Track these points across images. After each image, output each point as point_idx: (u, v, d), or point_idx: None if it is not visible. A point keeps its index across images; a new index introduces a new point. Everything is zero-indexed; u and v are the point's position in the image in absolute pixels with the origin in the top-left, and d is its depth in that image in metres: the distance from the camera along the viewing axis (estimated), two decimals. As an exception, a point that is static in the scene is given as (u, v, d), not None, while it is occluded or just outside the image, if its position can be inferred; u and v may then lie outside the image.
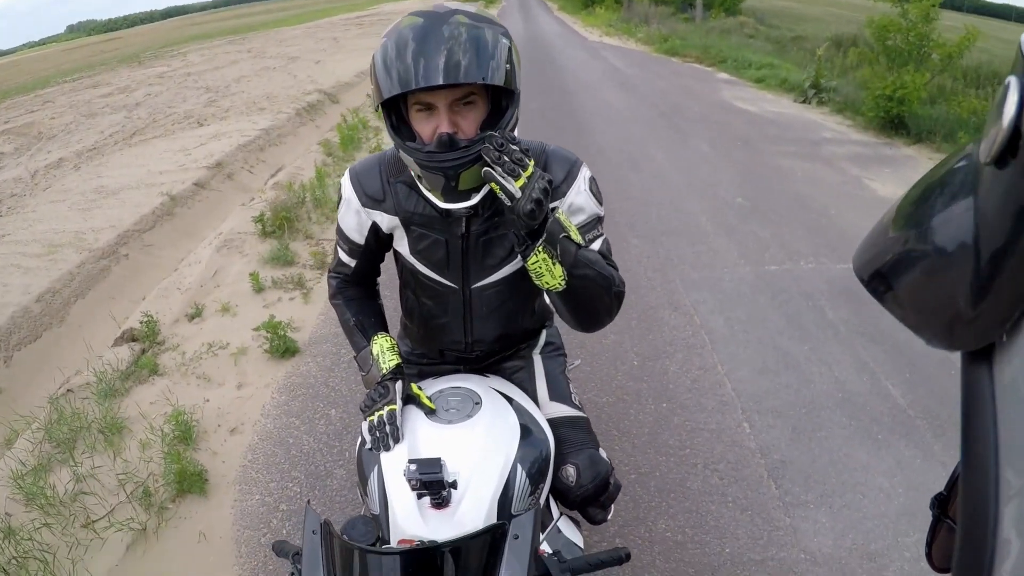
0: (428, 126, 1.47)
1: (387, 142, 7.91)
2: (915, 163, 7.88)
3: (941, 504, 0.81)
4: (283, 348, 4.29)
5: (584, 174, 1.67)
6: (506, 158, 1.38)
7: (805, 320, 4.36)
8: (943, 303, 0.53)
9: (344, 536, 1.25)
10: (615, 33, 25.32)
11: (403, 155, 1.53)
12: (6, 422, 3.94)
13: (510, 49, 1.47)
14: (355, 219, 1.78)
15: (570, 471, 1.74)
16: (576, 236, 1.51)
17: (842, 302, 4.53)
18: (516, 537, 1.22)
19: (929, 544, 0.85)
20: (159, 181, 8.33)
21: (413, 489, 1.43)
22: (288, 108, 12.12)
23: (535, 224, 1.43)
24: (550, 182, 1.44)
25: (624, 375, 3.86)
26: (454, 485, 1.45)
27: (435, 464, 1.41)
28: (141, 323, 4.66)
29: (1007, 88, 0.44)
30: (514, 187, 1.39)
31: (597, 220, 1.70)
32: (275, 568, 2.77)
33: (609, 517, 2.00)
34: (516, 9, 44.59)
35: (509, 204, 1.41)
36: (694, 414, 3.51)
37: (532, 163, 1.41)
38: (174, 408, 3.64)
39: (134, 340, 4.61)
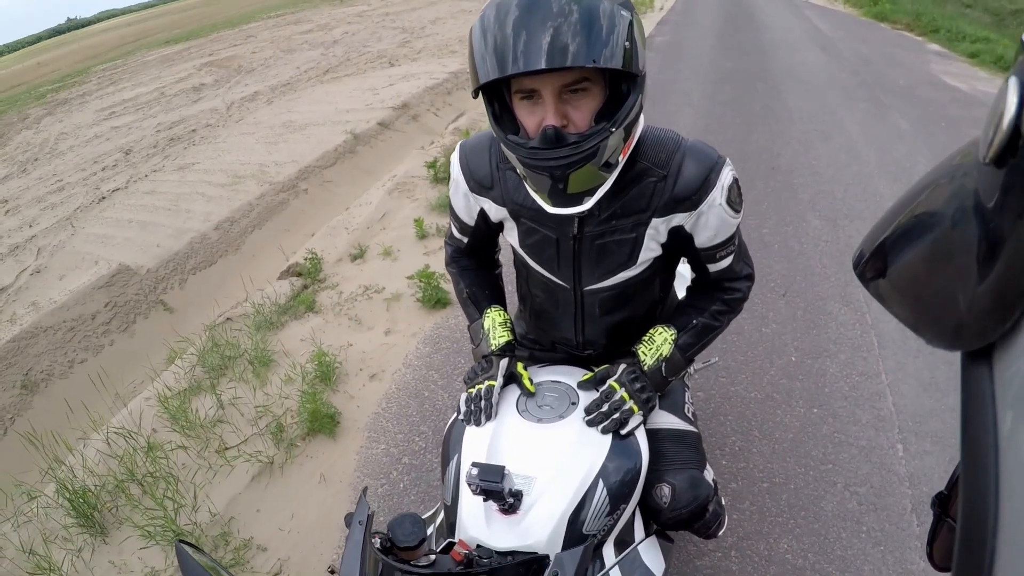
0: (533, 117, 1.28)
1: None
2: None
3: (942, 503, 0.81)
4: (435, 299, 4.32)
5: (724, 181, 1.44)
6: (599, 419, 1.52)
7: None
8: (943, 303, 0.53)
9: (388, 532, 1.23)
10: (823, -8, 23.84)
11: (505, 150, 1.35)
12: (169, 343, 4.21)
13: (631, 24, 1.22)
14: (463, 201, 1.68)
15: (665, 490, 1.59)
16: (668, 356, 1.62)
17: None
18: (555, 574, 1.13)
19: (930, 543, 0.84)
20: (345, 119, 8.61)
21: (474, 493, 1.37)
22: (479, 52, 12.22)
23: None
24: (645, 403, 1.57)
25: (778, 370, 3.58)
26: (518, 495, 1.38)
27: (497, 472, 1.35)
28: (306, 259, 4.86)
29: (1007, 88, 0.43)
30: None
31: (729, 239, 1.54)
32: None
33: (722, 531, 1.85)
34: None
35: None
36: (845, 425, 3.20)
37: (632, 406, 1.54)
38: (317, 347, 3.76)
39: (298, 275, 4.82)
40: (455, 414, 1.69)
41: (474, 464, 1.37)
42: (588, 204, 1.35)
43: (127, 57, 25.79)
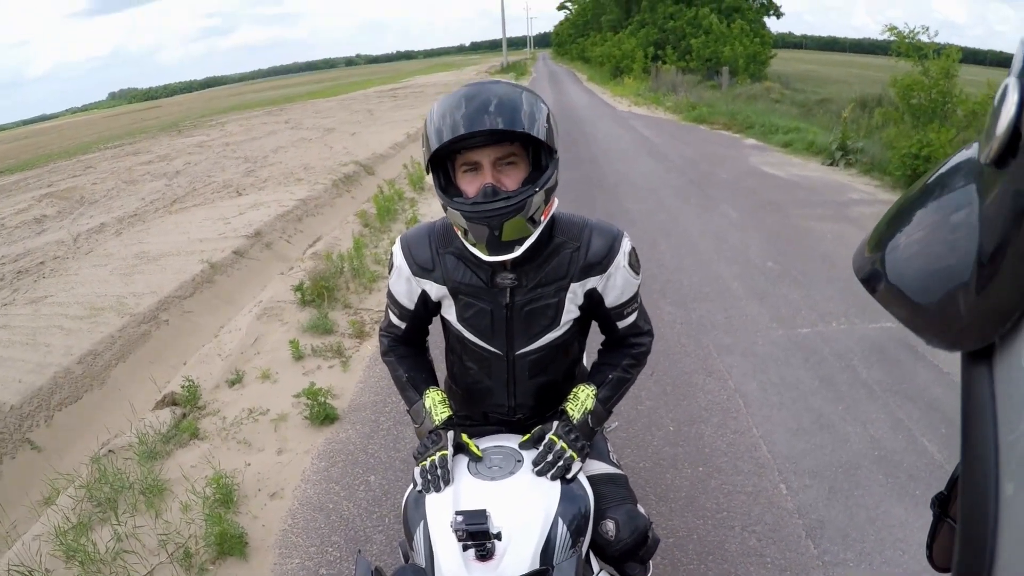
0: (474, 184, 1.59)
1: (423, 214, 8.10)
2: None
3: (942, 503, 0.82)
4: (323, 415, 4.34)
5: (624, 248, 1.78)
6: (547, 468, 1.72)
7: (838, 380, 4.34)
8: (943, 303, 0.53)
9: None
10: (643, 102, 25.66)
11: (449, 211, 1.62)
12: (47, 480, 4.01)
13: (549, 114, 1.59)
14: (405, 286, 1.88)
15: (609, 526, 1.80)
16: (592, 410, 1.86)
17: (875, 361, 4.53)
18: None
19: (930, 544, 0.85)
20: (199, 249, 8.51)
21: (459, 540, 1.48)
22: (325, 179, 12.37)
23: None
24: (580, 450, 1.78)
25: (660, 440, 3.86)
26: (499, 537, 1.51)
27: (481, 515, 1.47)
28: (182, 387, 4.75)
29: (1007, 89, 0.45)
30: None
31: (632, 298, 1.86)
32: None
33: (649, 575, 2.04)
34: (546, 80, 45.57)
35: None
36: (731, 477, 3.50)
37: (572, 454, 1.75)
38: (215, 471, 3.70)
39: (175, 404, 4.70)
40: (409, 488, 1.82)
41: (458, 512, 1.49)
42: (518, 251, 1.61)
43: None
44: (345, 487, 3.72)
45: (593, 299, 1.81)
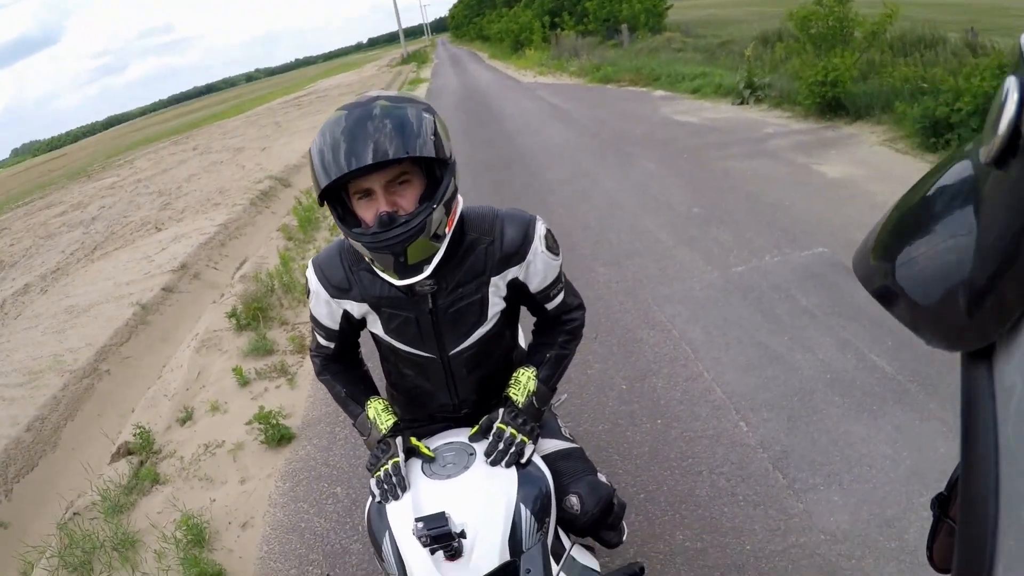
0: (370, 211, 1.55)
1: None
2: (859, 140, 8.09)
3: (942, 504, 0.81)
4: (278, 436, 4.30)
5: (539, 232, 1.76)
6: (500, 457, 1.72)
7: (780, 311, 4.44)
8: (943, 303, 0.53)
9: None
10: (548, 71, 25.74)
11: (352, 242, 1.60)
12: (18, 555, 3.91)
13: (435, 122, 1.55)
14: (326, 308, 1.86)
15: (573, 500, 1.82)
16: (535, 391, 1.86)
17: (812, 287, 4.63)
18: (528, 571, 1.27)
19: (930, 545, 0.85)
20: (128, 292, 8.31)
21: (425, 546, 1.49)
22: (242, 199, 12.15)
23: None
24: (530, 433, 1.79)
25: (615, 400, 3.91)
26: (463, 535, 1.52)
27: (440, 518, 1.48)
28: (134, 435, 4.65)
29: (1007, 88, 0.44)
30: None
31: (556, 279, 1.86)
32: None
33: (624, 538, 2.07)
34: (448, 65, 45.35)
35: None
36: (690, 424, 3.56)
37: (523, 438, 1.76)
38: (182, 513, 3.64)
39: (131, 453, 4.60)
40: (369, 501, 1.82)
41: (417, 519, 1.49)
42: (427, 271, 1.60)
43: None
44: (313, 504, 3.70)
45: (517, 288, 1.82)
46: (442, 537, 1.47)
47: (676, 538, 2.87)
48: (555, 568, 1.64)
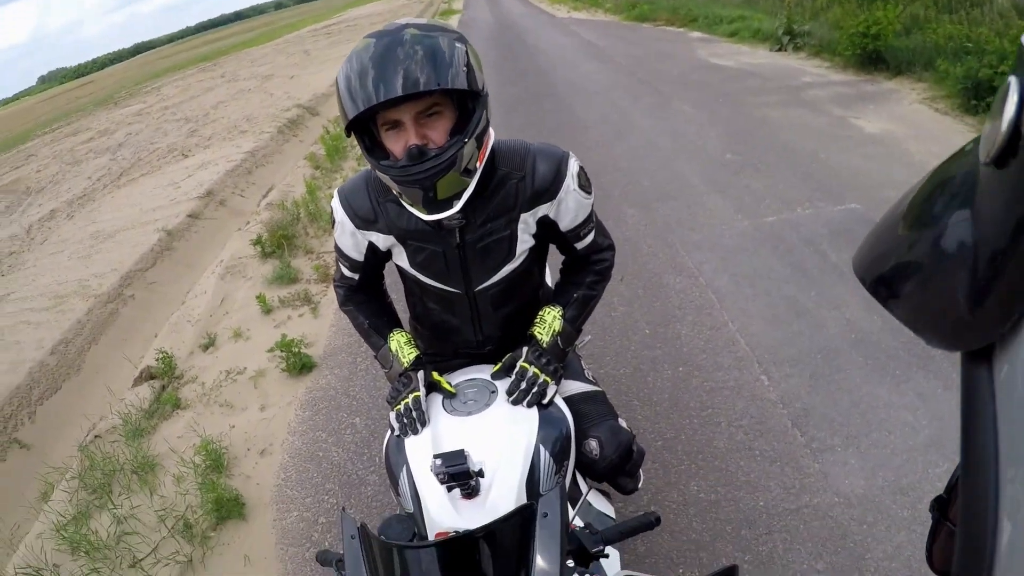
0: (399, 143, 1.49)
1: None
2: (898, 96, 7.84)
3: (941, 506, 0.80)
4: (299, 365, 4.33)
5: (572, 169, 1.70)
6: (522, 396, 1.70)
7: (809, 265, 4.35)
8: (943, 303, 0.53)
9: (381, 537, 1.29)
10: (582, 6, 25.24)
11: (380, 175, 1.55)
12: (40, 476, 3.99)
13: (467, 52, 1.48)
14: (351, 240, 1.82)
15: (592, 444, 1.80)
16: (560, 331, 1.83)
17: (843, 243, 4.53)
18: (545, 515, 1.24)
19: (929, 547, 0.84)
20: (153, 218, 8.35)
21: (442, 483, 1.47)
22: (270, 127, 12.10)
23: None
24: (553, 373, 1.76)
25: (638, 344, 3.87)
26: (480, 474, 1.50)
27: (459, 456, 1.46)
28: (157, 360, 4.71)
29: (1007, 88, 0.43)
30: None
31: (588, 218, 1.79)
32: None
33: (640, 485, 2.06)
34: (482, -1, 44.39)
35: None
36: (712, 374, 3.53)
37: (546, 378, 1.73)
38: (202, 439, 3.69)
39: (153, 378, 4.66)
40: (388, 434, 1.80)
41: (436, 456, 1.47)
42: (457, 207, 1.55)
43: None
44: (332, 433, 3.73)
45: (547, 225, 1.76)
46: (460, 475, 1.45)
47: (691, 488, 2.86)
48: (571, 512, 1.63)
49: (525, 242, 1.76)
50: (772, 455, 2.97)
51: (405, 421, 1.70)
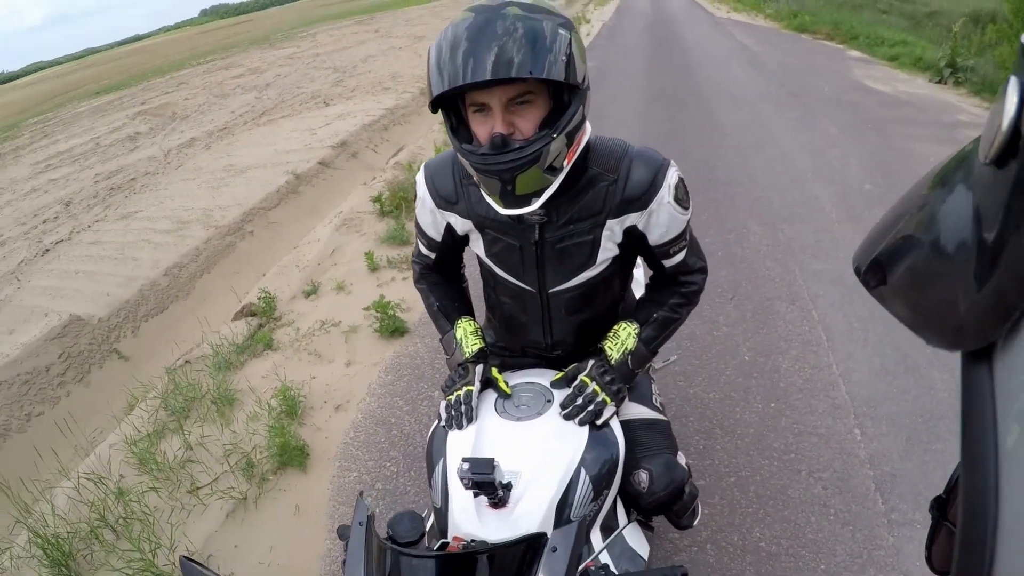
0: (484, 127, 1.39)
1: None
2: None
3: (940, 507, 0.81)
4: (392, 328, 4.35)
5: (670, 181, 1.56)
6: (575, 412, 1.61)
7: (931, 320, 4.04)
8: (943, 303, 0.53)
9: (388, 531, 1.25)
10: (743, 9, 24.49)
11: (460, 158, 1.47)
12: (128, 389, 4.16)
13: (571, 40, 1.34)
14: (430, 217, 1.77)
15: (642, 476, 1.67)
16: (633, 350, 1.71)
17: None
18: (555, 550, 1.17)
19: (929, 547, 0.84)
20: (286, 160, 8.60)
21: (466, 488, 1.40)
22: (413, 88, 12.27)
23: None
24: (616, 394, 1.66)
25: (733, 370, 3.69)
26: (508, 487, 1.43)
27: (487, 464, 1.37)
28: (260, 299, 4.85)
29: (1007, 88, 0.43)
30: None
31: (680, 235, 1.65)
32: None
33: (696, 522, 1.93)
34: (643, -15, 43.77)
35: None
36: (803, 416, 3.31)
37: (605, 398, 1.63)
38: (282, 383, 3.77)
39: (252, 315, 4.80)
40: (435, 422, 1.75)
41: (464, 459, 1.40)
42: (535, 205, 1.45)
43: (58, 110, 25.40)
44: (409, 401, 3.74)
45: (634, 236, 1.63)
46: (485, 484, 1.38)
47: (753, 534, 2.69)
48: (598, 544, 1.54)
49: (608, 250, 1.64)
50: (847, 517, 2.74)
51: (453, 414, 1.65)
